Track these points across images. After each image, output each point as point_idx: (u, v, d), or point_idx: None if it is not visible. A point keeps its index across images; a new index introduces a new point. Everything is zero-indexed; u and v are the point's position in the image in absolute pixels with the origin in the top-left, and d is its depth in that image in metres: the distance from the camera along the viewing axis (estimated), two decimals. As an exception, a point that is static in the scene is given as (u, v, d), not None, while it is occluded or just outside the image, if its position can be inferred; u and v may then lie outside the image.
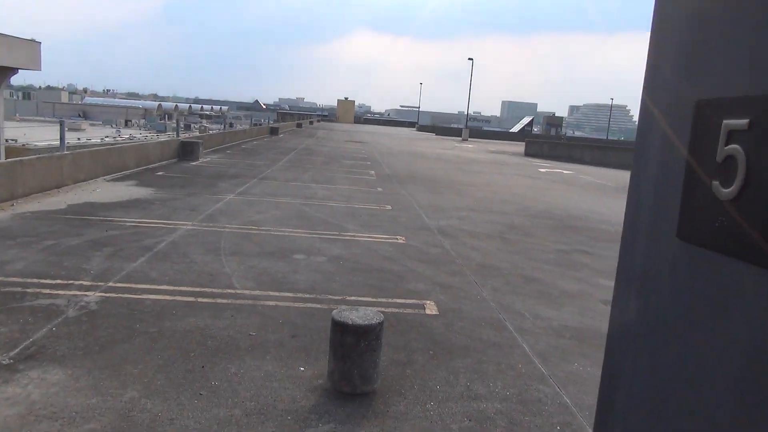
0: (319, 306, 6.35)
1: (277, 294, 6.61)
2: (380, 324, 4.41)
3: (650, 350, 1.01)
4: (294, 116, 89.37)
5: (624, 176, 30.36)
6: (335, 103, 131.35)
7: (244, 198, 13.06)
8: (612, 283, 5.36)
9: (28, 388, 4.12)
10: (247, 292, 6.59)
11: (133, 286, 6.45)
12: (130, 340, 5.08)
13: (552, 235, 11.76)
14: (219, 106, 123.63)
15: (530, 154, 42.27)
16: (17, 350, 4.71)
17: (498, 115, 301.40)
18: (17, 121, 51.24)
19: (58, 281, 6.46)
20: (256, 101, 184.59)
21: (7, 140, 20.54)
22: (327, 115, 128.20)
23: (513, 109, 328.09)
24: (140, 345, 4.98)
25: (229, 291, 6.56)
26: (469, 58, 65.31)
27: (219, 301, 6.22)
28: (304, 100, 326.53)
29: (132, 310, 5.75)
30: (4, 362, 4.48)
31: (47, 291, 6.12)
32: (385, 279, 7.57)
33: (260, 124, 54.34)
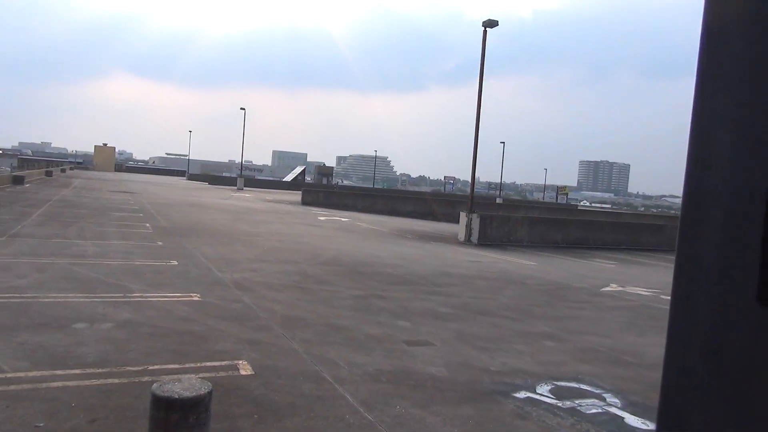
0: (117, 381, 5.57)
1: (61, 373, 5.63)
2: (209, 393, 4.03)
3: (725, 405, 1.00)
4: (41, 163, 78.42)
5: (393, 221, 32.93)
6: (91, 150, 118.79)
7: None
8: (408, 324, 5.77)
9: None
10: (21, 374, 5.50)
11: None
12: None
13: (345, 281, 12.14)
14: None
15: (307, 202, 43.39)
16: None
17: (269, 164, 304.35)
18: None
19: None
20: None
21: None
22: (82, 163, 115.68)
23: (284, 158, 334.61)
24: None
25: None
26: (242, 108, 65.24)
27: None
28: (51, 145, 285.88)
29: None
30: None
31: None
32: (187, 342, 6.98)
33: None
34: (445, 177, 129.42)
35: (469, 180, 25.78)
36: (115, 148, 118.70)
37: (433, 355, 7.31)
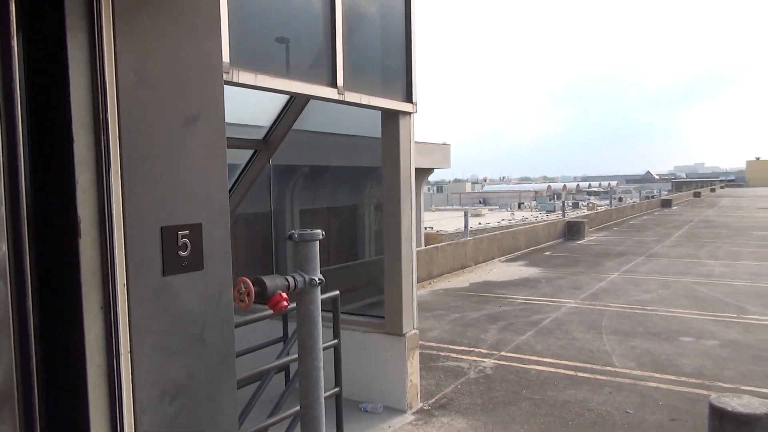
0: (705, 392, 5.86)
1: (658, 376, 6.54)
2: (766, 416, 3.79)
3: None
4: (691, 185, 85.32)
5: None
6: (743, 165, 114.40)
7: (629, 277, 13.21)
8: None
9: (441, 431, 5.09)
10: (626, 371, 6.71)
11: (522, 356, 7.27)
12: (518, 403, 5.75)
13: None
14: (607, 182, 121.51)
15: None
16: (433, 399, 5.87)
17: None
18: (432, 211, 58.00)
19: (463, 348, 7.65)
20: (648, 172, 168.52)
21: (425, 228, 25.07)
22: (734, 180, 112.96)
23: None
24: (526, 409, 5.61)
25: (608, 369, 6.83)
26: None
27: (598, 377, 6.54)
28: (704, 166, 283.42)
29: (520, 378, 6.48)
30: (425, 407, 5.64)
31: (454, 355, 7.38)
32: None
33: (652, 197, 51.38)
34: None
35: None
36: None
37: None
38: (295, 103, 6.17)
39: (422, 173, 20.82)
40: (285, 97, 6.08)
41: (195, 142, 1.81)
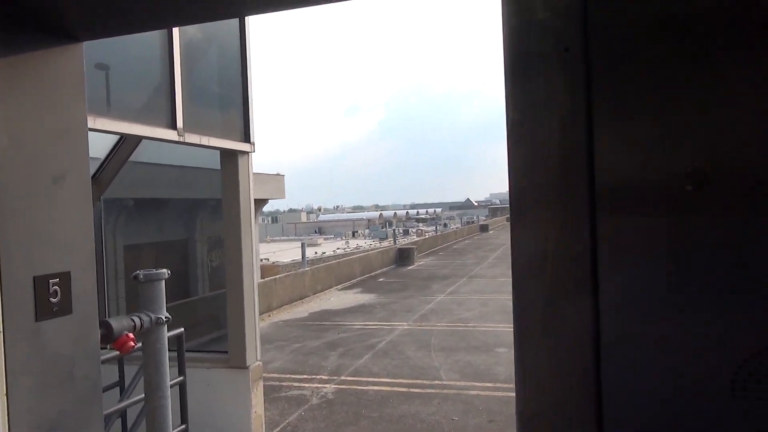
0: None
1: (479, 384, 7.51)
2: None
3: None
4: (505, 210, 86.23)
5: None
6: None
7: (454, 297, 14.60)
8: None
9: (289, 458, 5.42)
10: (452, 383, 7.57)
11: (360, 379, 7.71)
12: (357, 422, 6.25)
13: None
14: (433, 209, 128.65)
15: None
16: (278, 429, 6.20)
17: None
18: (268, 242, 57.51)
19: (305, 376, 7.91)
20: (468, 199, 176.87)
21: (261, 260, 23.60)
22: None
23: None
24: (365, 426, 6.13)
25: (437, 382, 7.57)
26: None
27: (428, 391, 7.21)
28: None
29: (359, 399, 6.93)
30: (268, 438, 5.84)
31: (297, 384, 7.54)
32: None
33: (472, 222, 55.51)
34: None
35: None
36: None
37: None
38: (129, 140, 6.02)
39: (257, 204, 20.81)
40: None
41: (63, 197, 1.95)
